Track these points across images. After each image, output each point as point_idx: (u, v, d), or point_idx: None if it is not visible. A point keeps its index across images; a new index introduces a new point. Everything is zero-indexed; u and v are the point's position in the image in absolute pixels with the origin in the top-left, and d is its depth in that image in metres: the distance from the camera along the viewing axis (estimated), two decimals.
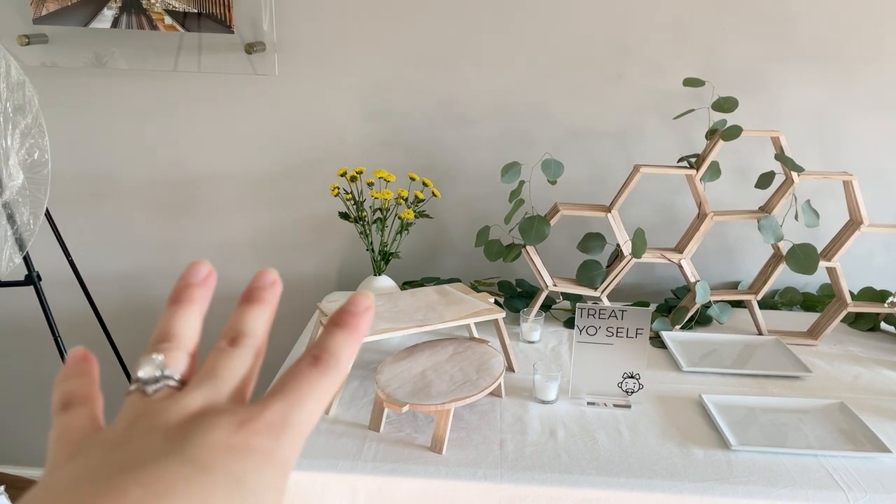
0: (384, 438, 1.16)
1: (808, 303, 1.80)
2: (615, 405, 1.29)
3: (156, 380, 0.30)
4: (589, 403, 1.29)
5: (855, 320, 1.69)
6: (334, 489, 1.08)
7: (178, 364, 0.31)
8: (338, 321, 0.32)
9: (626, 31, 1.69)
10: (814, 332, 1.60)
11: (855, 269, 1.78)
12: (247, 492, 0.26)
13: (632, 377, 1.29)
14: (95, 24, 1.69)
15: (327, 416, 1.22)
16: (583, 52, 1.71)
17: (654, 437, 1.19)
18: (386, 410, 1.18)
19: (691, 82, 1.52)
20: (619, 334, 1.28)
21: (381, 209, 1.58)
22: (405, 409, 1.11)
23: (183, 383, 0.31)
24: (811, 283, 1.84)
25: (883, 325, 1.68)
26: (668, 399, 1.32)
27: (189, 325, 0.33)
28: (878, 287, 1.72)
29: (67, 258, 1.62)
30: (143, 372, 0.30)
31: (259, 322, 0.33)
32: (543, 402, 1.29)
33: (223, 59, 1.74)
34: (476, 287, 1.78)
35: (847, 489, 1.06)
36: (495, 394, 1.30)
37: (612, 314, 1.27)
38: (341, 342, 0.31)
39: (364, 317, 0.32)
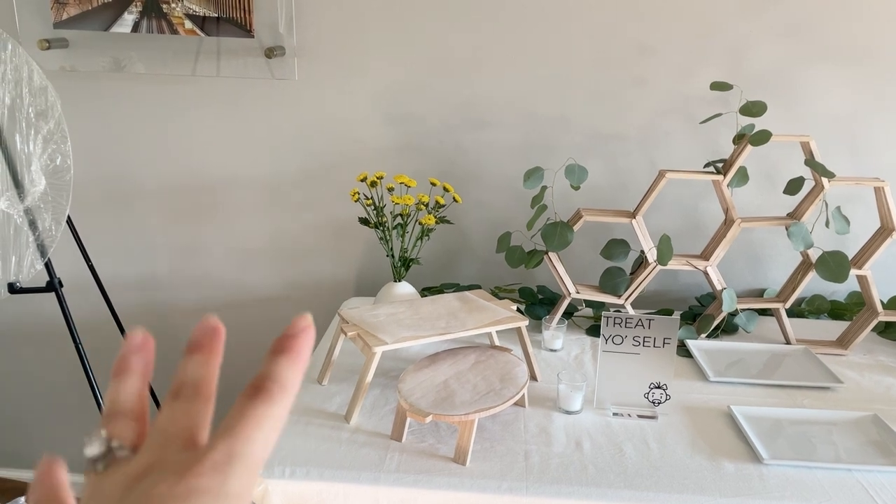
0: (406, 449, 1.14)
1: (835, 311, 1.76)
2: (641, 416, 1.26)
3: (103, 455, 0.30)
4: (614, 414, 1.26)
5: (885, 329, 1.65)
6: (356, 501, 1.06)
7: (125, 433, 0.32)
8: (277, 347, 0.32)
9: (650, 34, 1.66)
10: (843, 342, 1.56)
11: (886, 277, 1.74)
12: None
13: (658, 387, 1.27)
14: (116, 29, 1.69)
15: (348, 424, 1.21)
16: (605, 55, 1.68)
17: (682, 449, 1.16)
18: (408, 420, 1.16)
19: (719, 86, 1.49)
20: (645, 343, 1.25)
21: (401, 215, 1.56)
22: (429, 419, 1.09)
23: (135, 449, 0.31)
24: (839, 290, 1.80)
25: None
26: (695, 410, 1.29)
27: (131, 393, 0.33)
28: None
29: (87, 263, 1.62)
30: (89, 450, 0.31)
31: (201, 370, 0.33)
32: (568, 412, 1.27)
33: (242, 63, 1.73)
34: (497, 294, 1.75)
35: None
36: (518, 403, 1.28)
37: (639, 323, 1.24)
38: (283, 367, 0.32)
39: (303, 338, 0.32)
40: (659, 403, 1.27)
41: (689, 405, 1.31)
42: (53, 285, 1.29)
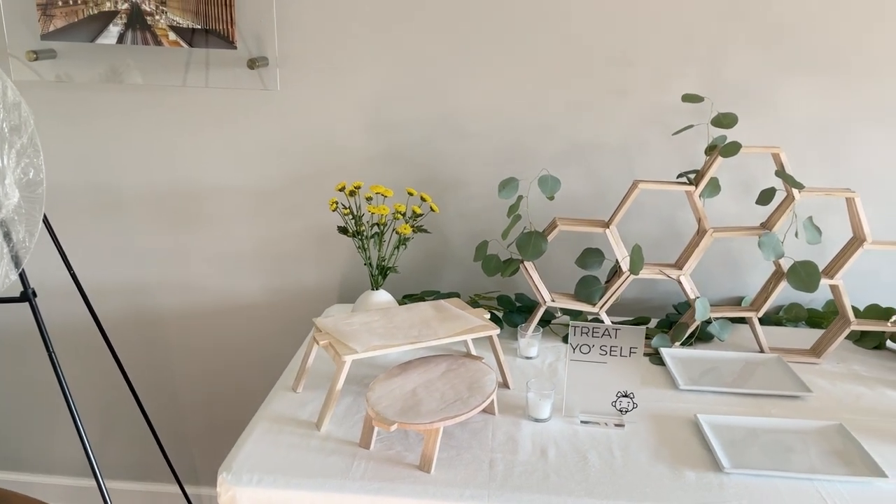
0: (374, 456, 1.16)
1: (813, 319, 1.77)
2: (608, 424, 1.28)
3: None
4: (583, 422, 1.28)
5: (860, 338, 1.67)
6: None
7: None
8: None
9: (628, 45, 1.68)
10: (817, 350, 1.58)
11: (862, 286, 1.75)
12: None
13: (626, 396, 1.28)
14: (102, 40, 1.71)
15: (319, 432, 1.23)
16: (585, 66, 1.70)
17: (645, 458, 1.18)
18: (376, 428, 1.18)
19: (690, 98, 1.51)
20: (612, 353, 1.27)
21: (378, 224, 1.59)
22: (394, 427, 1.11)
23: None
24: (817, 298, 1.81)
25: (889, 343, 1.65)
26: (662, 418, 1.31)
27: None
28: (884, 304, 1.69)
29: (69, 271, 1.64)
30: None
31: None
32: (537, 420, 1.28)
33: (230, 74, 1.76)
34: (475, 301, 1.77)
35: None
36: (488, 411, 1.30)
37: (606, 333, 1.26)
38: None
39: None
40: (626, 412, 1.29)
41: (658, 413, 1.33)
42: (27, 296, 1.32)
